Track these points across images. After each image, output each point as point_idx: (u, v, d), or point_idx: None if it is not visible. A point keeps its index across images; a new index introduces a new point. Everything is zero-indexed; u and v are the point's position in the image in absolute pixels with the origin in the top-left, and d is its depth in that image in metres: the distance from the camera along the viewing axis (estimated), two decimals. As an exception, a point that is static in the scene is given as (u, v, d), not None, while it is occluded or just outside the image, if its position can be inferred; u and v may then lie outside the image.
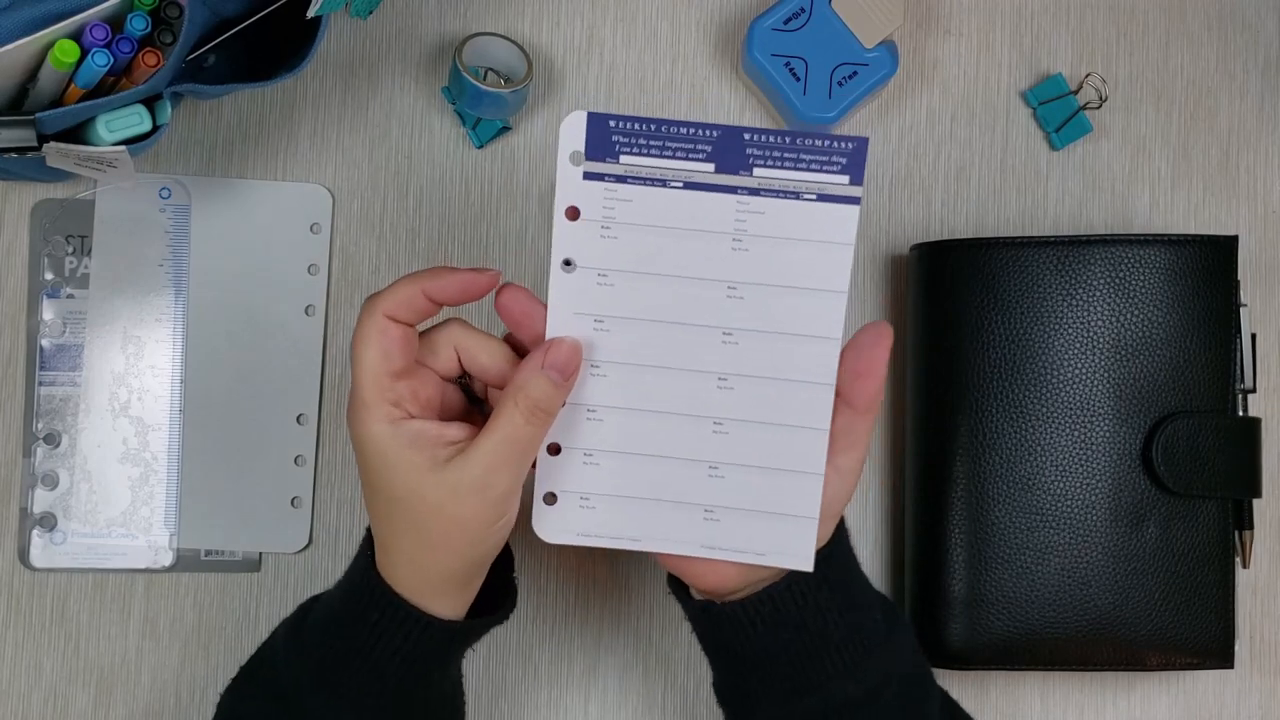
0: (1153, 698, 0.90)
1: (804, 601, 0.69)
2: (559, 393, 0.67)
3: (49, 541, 0.87)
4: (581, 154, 0.66)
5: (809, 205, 0.66)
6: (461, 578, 0.69)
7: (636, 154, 0.66)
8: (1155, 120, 0.93)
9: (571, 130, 0.66)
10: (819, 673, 0.69)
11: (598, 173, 0.66)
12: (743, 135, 0.65)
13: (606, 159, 0.66)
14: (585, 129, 0.66)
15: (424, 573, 0.68)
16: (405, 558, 0.68)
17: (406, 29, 0.91)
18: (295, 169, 0.90)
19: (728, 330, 0.68)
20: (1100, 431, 0.85)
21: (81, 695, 0.87)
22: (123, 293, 0.88)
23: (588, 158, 0.66)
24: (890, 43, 0.88)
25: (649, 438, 0.69)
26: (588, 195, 0.66)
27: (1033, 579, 0.84)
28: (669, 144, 0.66)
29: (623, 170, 0.66)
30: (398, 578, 0.68)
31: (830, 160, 0.65)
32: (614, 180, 0.66)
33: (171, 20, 0.76)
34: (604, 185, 0.66)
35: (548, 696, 0.89)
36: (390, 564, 0.69)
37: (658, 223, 0.66)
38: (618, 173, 0.66)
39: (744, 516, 0.69)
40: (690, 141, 0.66)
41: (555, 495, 0.71)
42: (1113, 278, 0.85)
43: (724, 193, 0.66)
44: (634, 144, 0.66)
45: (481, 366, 0.69)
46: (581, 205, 0.66)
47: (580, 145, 0.66)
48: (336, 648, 0.69)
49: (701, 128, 0.65)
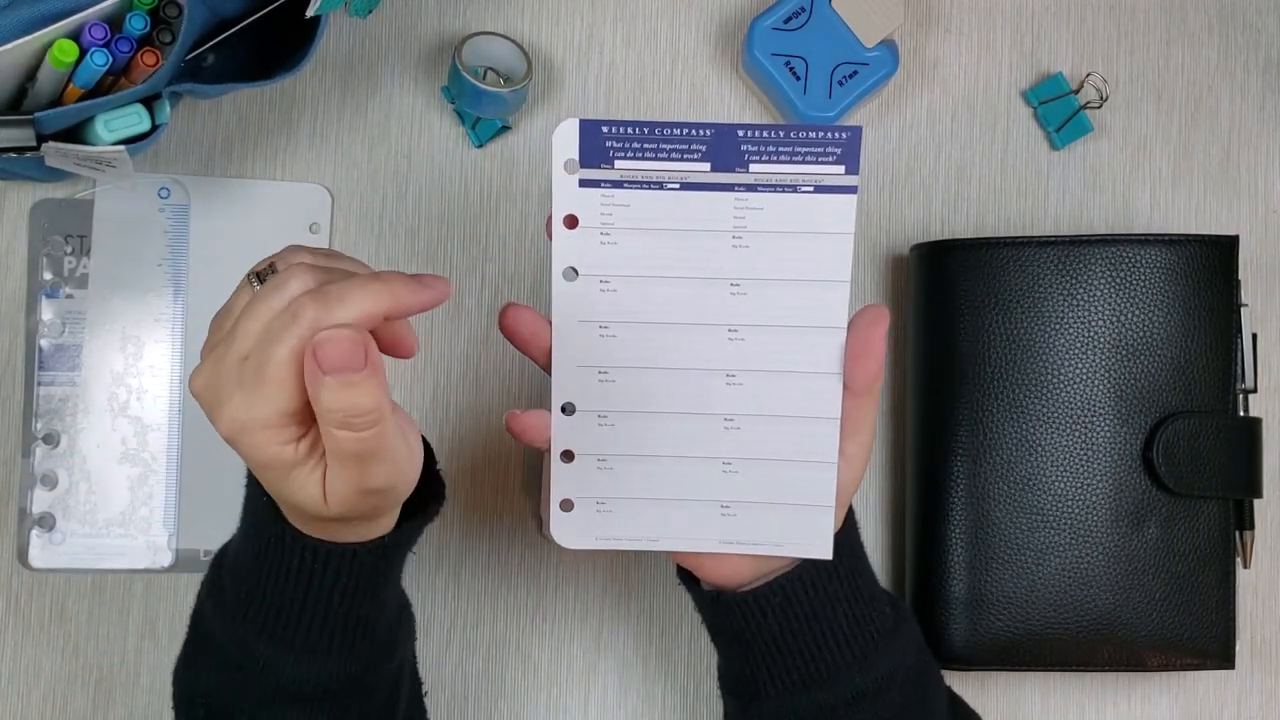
0: (1153, 698, 0.90)
1: (815, 591, 0.69)
2: (361, 389, 0.57)
3: (48, 541, 0.87)
4: (576, 161, 0.66)
5: (807, 197, 0.66)
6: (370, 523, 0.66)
7: (631, 158, 0.66)
8: (1156, 120, 0.93)
9: (564, 138, 0.65)
10: (827, 664, 0.69)
11: (593, 179, 0.66)
12: (736, 132, 0.65)
13: (601, 165, 0.66)
14: (578, 136, 0.65)
15: (325, 529, 0.64)
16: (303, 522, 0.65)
17: (406, 28, 0.91)
18: (294, 168, 0.90)
19: (733, 327, 0.68)
20: (1101, 431, 0.84)
21: (80, 695, 0.87)
22: (122, 292, 0.88)
23: (582, 165, 0.66)
24: (890, 42, 0.88)
25: (661, 438, 0.69)
26: (585, 202, 0.66)
27: (1033, 579, 0.84)
28: (663, 145, 0.65)
29: (618, 175, 0.66)
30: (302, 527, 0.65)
31: (825, 151, 0.65)
32: (610, 186, 0.66)
33: (170, 20, 0.76)
34: (600, 191, 0.66)
35: (548, 696, 0.89)
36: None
37: (657, 225, 0.66)
38: (613, 178, 0.66)
39: (760, 509, 0.69)
40: (684, 142, 0.65)
41: (571, 502, 0.70)
42: (1113, 278, 0.85)
43: (721, 191, 0.66)
44: (628, 148, 0.65)
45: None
46: (579, 213, 0.66)
47: (574, 153, 0.66)
48: (270, 602, 0.66)
49: (695, 127, 0.65)
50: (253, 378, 0.59)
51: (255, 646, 0.67)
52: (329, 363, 0.57)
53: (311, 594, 0.65)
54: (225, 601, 0.68)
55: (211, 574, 0.70)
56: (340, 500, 0.61)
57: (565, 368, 0.68)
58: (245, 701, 0.68)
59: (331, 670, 0.67)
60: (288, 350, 0.58)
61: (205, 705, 0.70)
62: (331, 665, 0.67)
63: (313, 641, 0.66)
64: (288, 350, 0.58)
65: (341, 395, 0.57)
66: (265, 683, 0.67)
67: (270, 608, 0.66)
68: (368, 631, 0.67)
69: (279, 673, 0.67)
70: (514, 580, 0.89)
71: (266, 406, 0.59)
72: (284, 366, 0.58)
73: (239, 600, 0.67)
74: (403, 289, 0.60)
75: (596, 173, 0.66)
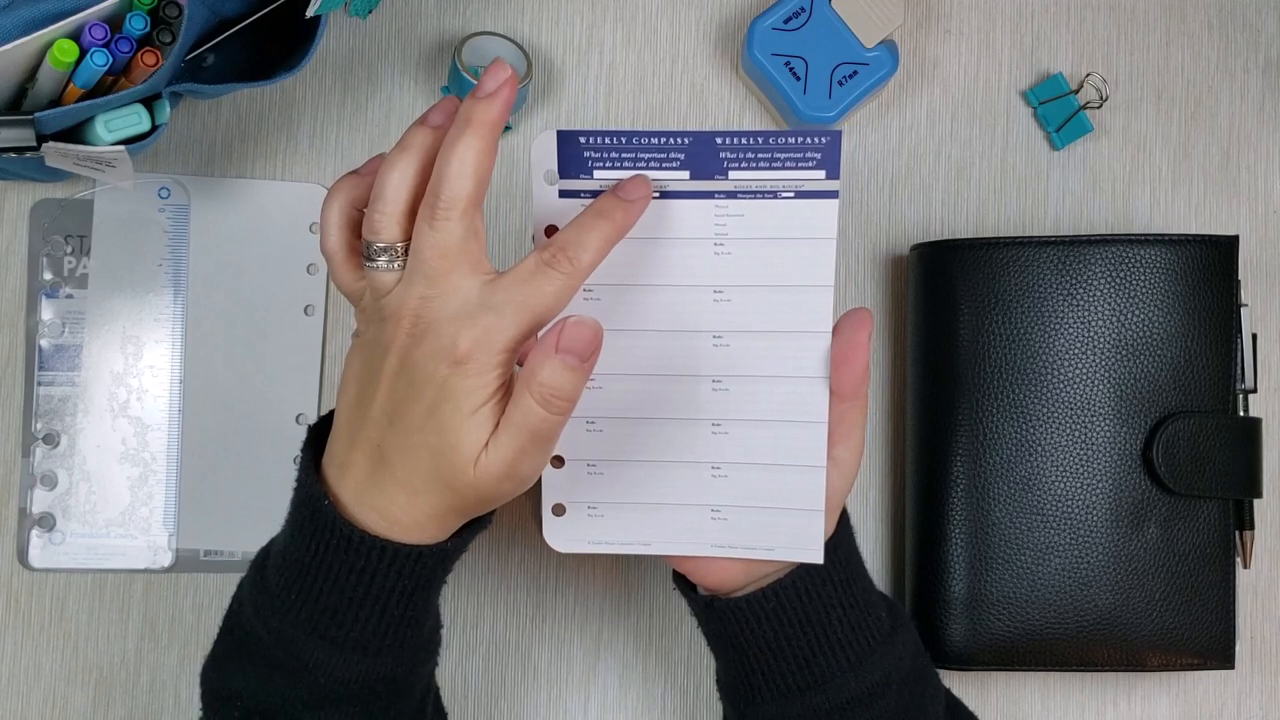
0: (1153, 698, 0.90)
1: (809, 597, 0.69)
2: (576, 378, 0.62)
3: (48, 542, 0.87)
4: (555, 173, 0.66)
5: (787, 203, 0.66)
6: (456, 518, 0.66)
7: (610, 168, 0.66)
8: (1156, 120, 0.93)
9: (543, 150, 0.65)
10: (822, 669, 0.69)
11: (573, 190, 0.66)
12: (715, 139, 0.65)
13: (580, 175, 0.66)
14: (556, 148, 0.65)
15: (414, 512, 0.65)
16: (399, 497, 0.65)
17: (406, 28, 0.91)
18: (294, 168, 0.90)
19: (717, 333, 0.67)
20: (1101, 431, 0.84)
21: (80, 695, 0.87)
22: (122, 292, 0.88)
23: (562, 176, 0.66)
24: (890, 42, 0.88)
25: (649, 444, 0.69)
26: (566, 214, 0.66)
27: (1033, 579, 0.84)
28: (641, 155, 0.65)
29: (598, 185, 0.66)
30: (376, 511, 0.65)
31: (805, 157, 0.65)
32: (590, 196, 0.66)
33: (170, 20, 0.76)
34: (580, 202, 0.66)
35: (548, 696, 0.89)
36: (380, 495, 0.65)
37: (638, 234, 0.66)
38: (593, 188, 0.66)
39: (750, 514, 0.69)
40: (663, 151, 0.65)
41: (563, 506, 0.71)
42: (1113, 278, 0.85)
43: (701, 198, 0.66)
44: (606, 158, 0.65)
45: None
46: (560, 224, 0.66)
47: (553, 164, 0.66)
48: (326, 603, 0.66)
49: (673, 135, 0.65)
50: (506, 303, 0.62)
51: (303, 646, 0.67)
52: (569, 343, 0.62)
53: (371, 593, 0.65)
54: (271, 601, 0.67)
55: (253, 574, 0.70)
56: (488, 466, 0.63)
57: None
58: (287, 702, 0.68)
59: (378, 671, 0.67)
60: (557, 301, 0.63)
61: (242, 706, 0.70)
62: (379, 666, 0.67)
63: (365, 641, 0.66)
64: (557, 301, 0.63)
65: (560, 374, 0.61)
66: (310, 683, 0.67)
67: (325, 607, 0.66)
68: (416, 633, 0.68)
69: (327, 672, 0.67)
70: (514, 580, 0.89)
71: (513, 330, 0.62)
72: (552, 311, 0.63)
73: (288, 600, 0.67)
74: (622, 215, 0.64)
75: (576, 183, 0.66)
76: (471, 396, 0.62)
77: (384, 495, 0.65)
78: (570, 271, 0.62)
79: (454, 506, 0.65)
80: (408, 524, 0.65)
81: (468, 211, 0.62)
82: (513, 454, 0.63)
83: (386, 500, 0.65)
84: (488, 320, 0.62)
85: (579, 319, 0.62)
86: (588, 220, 0.63)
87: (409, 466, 0.64)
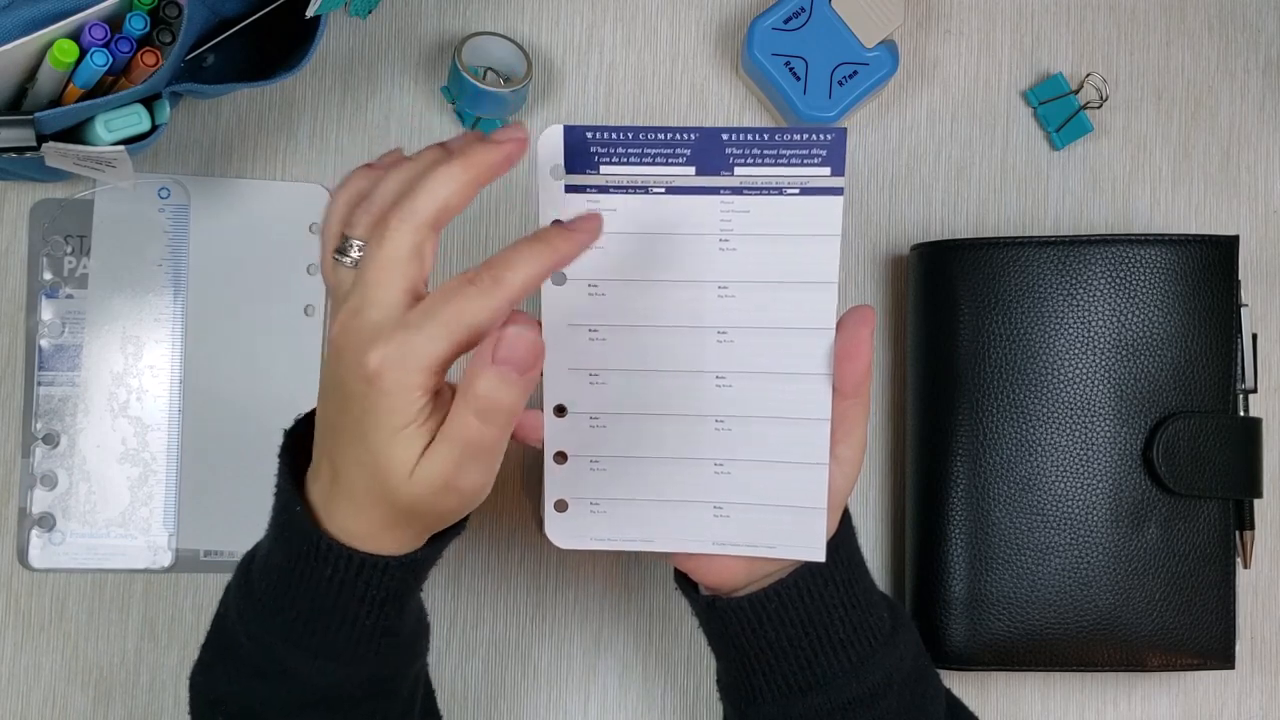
0: (1154, 698, 0.90)
1: (810, 597, 0.69)
2: (515, 390, 0.60)
3: (48, 542, 0.87)
4: (561, 168, 0.66)
5: (793, 200, 0.66)
6: (411, 529, 0.66)
7: (616, 163, 0.66)
8: (1156, 120, 0.93)
9: (549, 145, 0.65)
10: (823, 670, 0.69)
11: (579, 185, 0.66)
12: (721, 136, 0.65)
13: (586, 171, 0.66)
14: (563, 143, 0.65)
15: (366, 524, 0.64)
16: (349, 509, 0.64)
17: (405, 28, 0.91)
18: (294, 168, 0.90)
19: (721, 329, 0.68)
20: (1101, 431, 0.84)
21: (80, 696, 0.87)
22: (122, 292, 0.88)
23: (568, 171, 0.66)
24: (890, 42, 0.88)
25: (653, 440, 0.69)
26: (571, 208, 0.66)
27: (1033, 579, 0.84)
28: (648, 150, 0.65)
29: (604, 181, 0.66)
30: (346, 519, 0.64)
31: (810, 153, 0.65)
32: (596, 191, 0.66)
33: (170, 20, 0.76)
34: (586, 197, 0.66)
35: (548, 696, 0.89)
36: (336, 506, 0.64)
37: (643, 230, 0.66)
38: (599, 184, 0.66)
39: (753, 511, 0.69)
40: (669, 147, 0.65)
41: (566, 503, 0.71)
42: (1113, 278, 0.85)
43: (707, 194, 0.66)
44: (613, 153, 0.65)
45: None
46: (565, 218, 0.66)
47: (559, 159, 0.66)
48: (299, 610, 0.66)
49: (679, 132, 0.65)
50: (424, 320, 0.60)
51: (281, 652, 0.66)
52: (507, 353, 0.59)
53: (340, 603, 0.65)
54: (254, 606, 0.67)
55: (239, 578, 0.69)
56: (423, 481, 0.61)
57: (556, 370, 0.68)
58: (270, 707, 0.68)
59: (357, 677, 0.67)
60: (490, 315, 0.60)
61: (227, 712, 0.70)
62: (356, 672, 0.67)
63: (337, 649, 0.66)
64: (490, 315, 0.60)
65: (497, 387, 0.59)
66: (290, 688, 0.67)
67: (299, 614, 0.66)
68: (392, 640, 0.67)
69: (304, 679, 0.67)
70: (514, 580, 0.89)
71: (430, 348, 0.59)
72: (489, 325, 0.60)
73: (268, 606, 0.67)
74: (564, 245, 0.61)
75: (582, 178, 0.66)
76: (394, 416, 0.60)
77: (339, 507, 0.64)
78: (492, 291, 0.59)
79: (401, 519, 0.64)
80: (364, 535, 0.64)
81: (421, 229, 0.60)
82: (449, 468, 0.61)
83: (342, 512, 0.64)
84: (402, 337, 0.59)
85: (519, 329, 0.59)
86: (525, 243, 0.61)
87: (350, 479, 0.63)
